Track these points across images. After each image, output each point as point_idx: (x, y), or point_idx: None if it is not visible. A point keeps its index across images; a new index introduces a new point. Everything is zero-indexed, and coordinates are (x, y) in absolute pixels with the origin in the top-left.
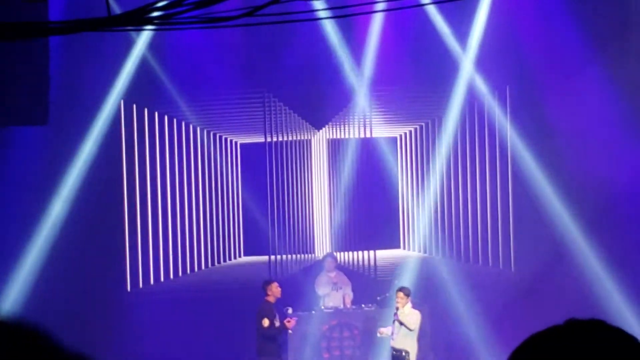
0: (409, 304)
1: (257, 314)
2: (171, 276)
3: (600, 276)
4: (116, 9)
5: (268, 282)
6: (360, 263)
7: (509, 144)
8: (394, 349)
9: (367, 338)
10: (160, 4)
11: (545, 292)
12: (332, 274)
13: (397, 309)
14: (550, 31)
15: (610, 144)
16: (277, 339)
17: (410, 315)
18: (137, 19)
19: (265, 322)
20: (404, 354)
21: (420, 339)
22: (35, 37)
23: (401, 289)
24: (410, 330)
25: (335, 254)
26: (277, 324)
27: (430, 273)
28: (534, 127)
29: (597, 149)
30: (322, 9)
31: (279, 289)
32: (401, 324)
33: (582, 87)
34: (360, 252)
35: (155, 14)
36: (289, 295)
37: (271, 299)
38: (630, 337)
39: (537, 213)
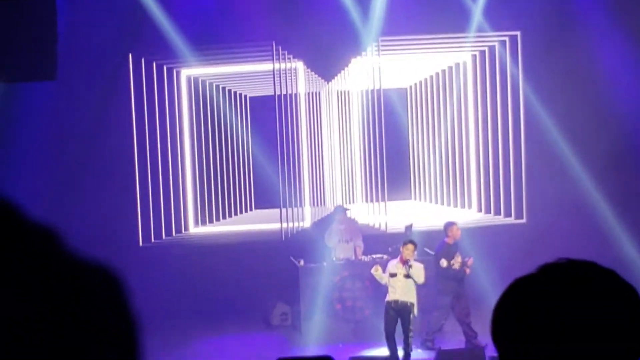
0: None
1: (435, 255)
2: (182, 230)
3: (612, 224)
4: None
5: (450, 224)
6: (372, 214)
7: (521, 92)
8: (397, 302)
9: (379, 288)
10: None
11: (558, 242)
12: (342, 226)
13: (407, 261)
14: None
15: (624, 91)
16: (457, 278)
17: (420, 269)
18: None
19: (444, 263)
20: (409, 304)
21: (430, 289)
22: None
23: (411, 242)
24: (419, 284)
25: (346, 205)
26: (456, 265)
27: (441, 224)
28: (546, 74)
29: (611, 96)
30: None
31: (459, 232)
32: (408, 277)
33: (596, 33)
34: (371, 204)
35: None
36: (301, 248)
37: (450, 240)
38: (621, 281)
39: (550, 163)
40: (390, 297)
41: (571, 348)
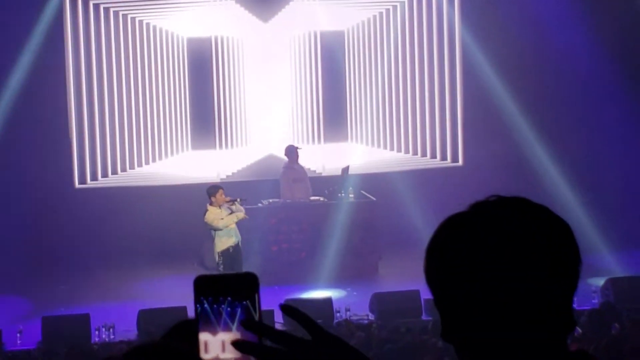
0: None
1: None
2: (118, 171)
3: (547, 165)
4: None
5: None
6: (309, 156)
7: (457, 34)
8: None
9: (316, 231)
10: None
11: (495, 184)
12: (296, 166)
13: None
14: None
15: (562, 33)
16: None
17: (216, 215)
18: None
19: None
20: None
21: (365, 232)
22: None
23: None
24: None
25: (297, 144)
26: None
27: (377, 166)
28: (483, 16)
29: (549, 37)
30: None
31: None
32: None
33: None
34: (307, 145)
35: None
36: (237, 189)
37: None
38: (554, 216)
39: (486, 106)
40: None
41: (504, 285)
